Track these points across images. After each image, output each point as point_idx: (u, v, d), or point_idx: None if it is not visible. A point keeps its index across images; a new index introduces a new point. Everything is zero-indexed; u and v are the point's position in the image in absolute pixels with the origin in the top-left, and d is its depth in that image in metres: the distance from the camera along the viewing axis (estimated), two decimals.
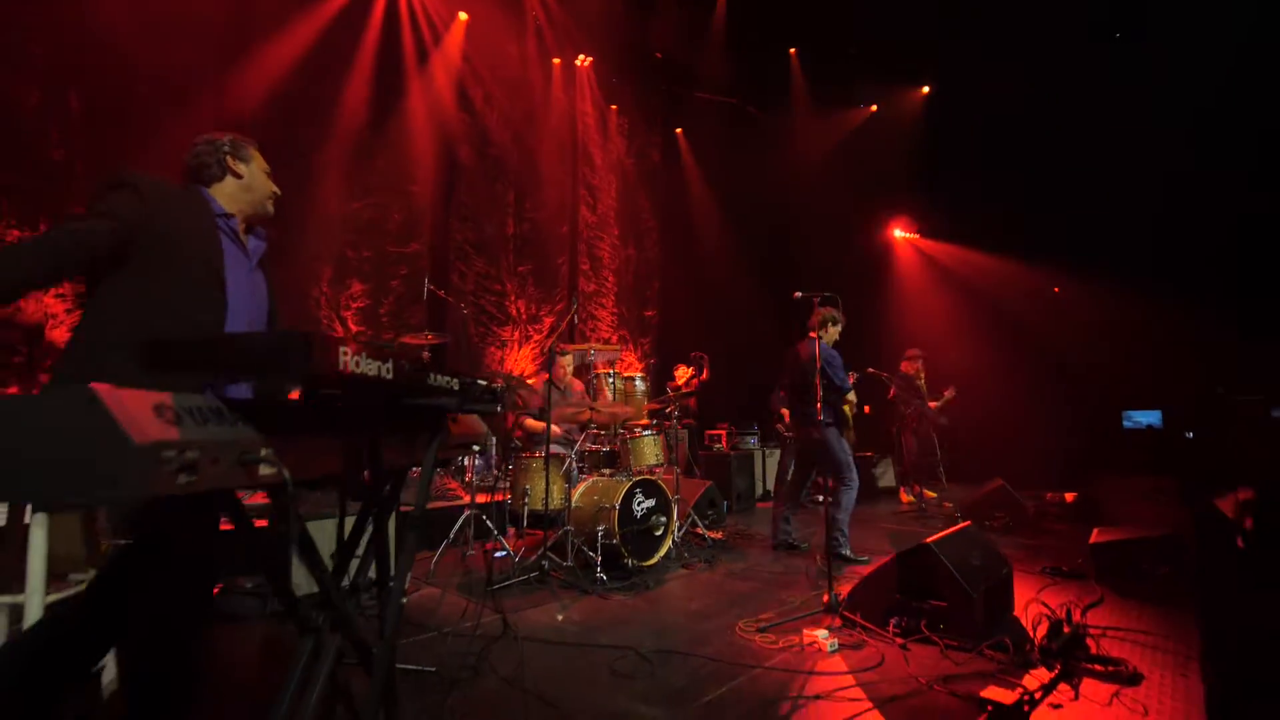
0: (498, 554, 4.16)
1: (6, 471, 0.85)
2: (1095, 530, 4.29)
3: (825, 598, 3.24)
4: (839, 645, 2.78)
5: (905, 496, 6.93)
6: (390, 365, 1.46)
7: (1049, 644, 2.65)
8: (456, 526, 4.18)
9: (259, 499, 3.20)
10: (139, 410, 0.86)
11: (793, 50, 9.45)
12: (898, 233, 10.87)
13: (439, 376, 1.68)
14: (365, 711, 1.61)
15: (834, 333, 4.54)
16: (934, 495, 6.88)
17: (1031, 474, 7.22)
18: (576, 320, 4.08)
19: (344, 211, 6.58)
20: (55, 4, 4.95)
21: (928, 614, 2.88)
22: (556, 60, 8.32)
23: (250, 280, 1.84)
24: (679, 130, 9.87)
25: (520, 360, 7.81)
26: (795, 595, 3.56)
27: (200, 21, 5.55)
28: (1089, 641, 2.73)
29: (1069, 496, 6.19)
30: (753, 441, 6.96)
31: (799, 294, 3.75)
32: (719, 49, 8.99)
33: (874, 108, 10.00)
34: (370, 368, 1.39)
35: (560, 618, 3.20)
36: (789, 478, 4.94)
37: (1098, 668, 2.52)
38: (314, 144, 6.36)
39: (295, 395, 1.44)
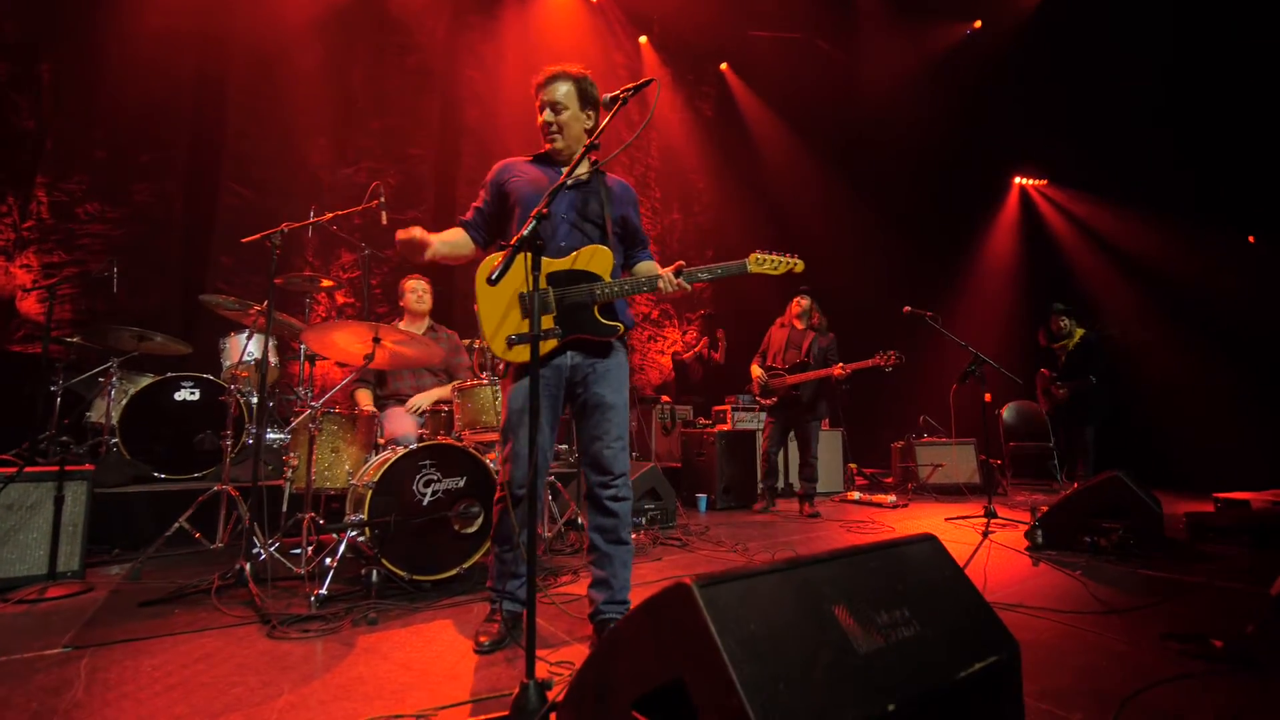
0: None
1: None
2: None
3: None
4: None
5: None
6: None
7: None
8: (189, 512, 2.95)
9: None
10: None
11: None
12: (1020, 180, 8.81)
13: None
14: None
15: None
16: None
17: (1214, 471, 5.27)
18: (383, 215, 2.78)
19: (333, 179, 6.15)
20: None
21: None
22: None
23: None
24: (729, 73, 8.57)
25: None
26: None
27: None
28: None
29: (1259, 499, 4.10)
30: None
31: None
32: None
33: (977, 23, 8.10)
34: None
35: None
36: None
37: None
38: (301, 107, 5.99)
39: None
